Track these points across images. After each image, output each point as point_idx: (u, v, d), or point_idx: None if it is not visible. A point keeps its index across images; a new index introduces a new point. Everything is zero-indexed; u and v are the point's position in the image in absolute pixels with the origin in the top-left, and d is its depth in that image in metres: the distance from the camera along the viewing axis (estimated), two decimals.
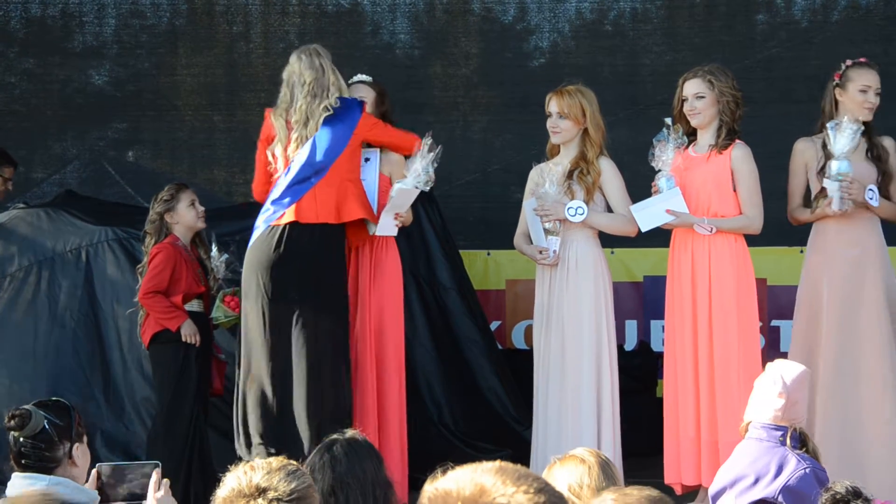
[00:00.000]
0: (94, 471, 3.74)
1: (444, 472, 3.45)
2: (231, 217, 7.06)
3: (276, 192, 5.99)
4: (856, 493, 3.51)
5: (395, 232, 6.25)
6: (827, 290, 5.97)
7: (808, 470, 4.17)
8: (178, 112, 8.64)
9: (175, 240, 6.44)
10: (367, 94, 6.38)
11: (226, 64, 8.59)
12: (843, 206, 5.89)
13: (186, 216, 6.45)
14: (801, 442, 4.28)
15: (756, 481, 4.22)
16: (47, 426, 3.62)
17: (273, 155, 6.07)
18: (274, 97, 8.62)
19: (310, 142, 5.95)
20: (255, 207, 7.37)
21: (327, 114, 5.96)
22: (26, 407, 3.66)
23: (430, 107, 8.41)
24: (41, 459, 3.61)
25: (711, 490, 4.44)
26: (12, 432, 3.65)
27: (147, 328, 6.34)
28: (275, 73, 8.57)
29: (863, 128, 5.90)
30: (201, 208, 6.51)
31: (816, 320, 5.98)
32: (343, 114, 6.00)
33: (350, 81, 6.37)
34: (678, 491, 6.04)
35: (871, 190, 5.93)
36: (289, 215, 5.92)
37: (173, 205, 6.44)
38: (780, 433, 4.25)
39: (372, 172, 6.26)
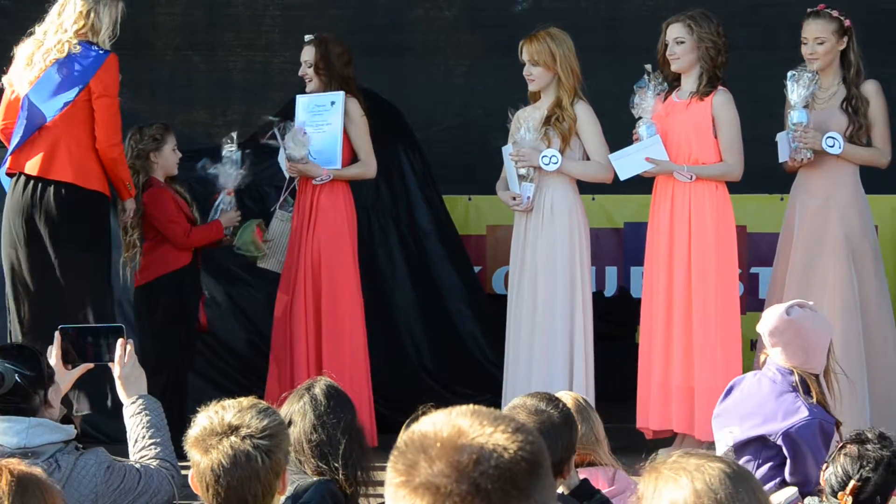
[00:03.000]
0: (56, 333, 3.76)
1: (425, 413, 3.54)
2: (212, 158, 7.05)
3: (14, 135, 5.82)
4: (881, 437, 3.52)
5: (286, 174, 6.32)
6: (794, 238, 6.07)
7: (812, 419, 4.20)
8: (157, 52, 8.61)
9: (160, 182, 6.45)
10: (308, 56, 6.34)
11: (205, 3, 8.55)
12: (798, 156, 6.00)
13: (170, 159, 6.47)
14: (806, 389, 4.27)
15: (762, 423, 4.27)
16: (19, 380, 3.58)
17: (10, 83, 5.84)
18: (255, 37, 8.64)
19: (35, 85, 5.73)
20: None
21: (58, 56, 5.71)
22: None
23: (412, 51, 8.39)
24: (18, 411, 3.59)
25: (717, 410, 4.48)
26: None
27: (152, 268, 6.33)
28: (255, 12, 8.57)
29: (816, 76, 5.97)
30: (179, 154, 6.52)
31: (785, 267, 6.08)
32: (81, 62, 5.73)
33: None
34: (648, 435, 6.13)
35: (831, 137, 6.00)
36: (9, 163, 5.80)
37: (160, 145, 6.43)
38: (794, 378, 4.28)
39: (336, 117, 6.27)
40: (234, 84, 8.55)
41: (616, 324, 7.32)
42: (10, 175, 5.88)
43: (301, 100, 6.40)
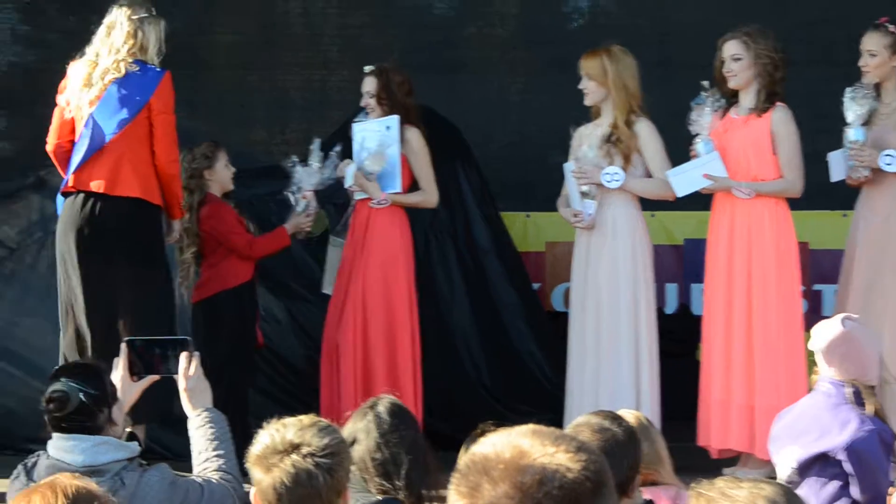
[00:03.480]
0: (123, 345, 3.76)
1: (486, 431, 3.53)
2: (270, 177, 7.11)
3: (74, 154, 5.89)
4: None
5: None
6: (857, 256, 6.03)
7: (871, 430, 4.17)
8: (215, 71, 8.67)
9: (216, 197, 6.49)
10: (369, 87, 6.36)
11: (262, 22, 8.61)
12: (855, 175, 5.99)
13: (223, 175, 6.50)
14: (860, 401, 4.23)
15: (819, 438, 4.24)
16: (84, 398, 3.58)
17: (67, 102, 5.89)
18: (313, 56, 8.69)
19: (98, 104, 5.80)
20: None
21: (117, 75, 5.79)
22: (60, 387, 3.59)
23: (467, 68, 8.40)
24: (83, 430, 3.60)
25: (772, 434, 4.44)
26: (52, 413, 3.62)
27: (211, 284, 6.35)
28: (313, 31, 8.62)
29: (873, 93, 5.97)
30: (233, 168, 6.55)
31: (848, 285, 6.04)
32: (139, 80, 5.81)
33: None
34: (713, 454, 6.10)
35: (888, 155, 5.97)
36: (71, 181, 5.84)
37: (213, 162, 6.47)
38: (846, 390, 4.25)
39: (393, 141, 6.27)
40: (292, 103, 8.59)
41: (677, 341, 7.26)
42: (65, 194, 5.98)
43: (357, 126, 6.42)
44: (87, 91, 5.87)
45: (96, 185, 5.84)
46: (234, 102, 8.63)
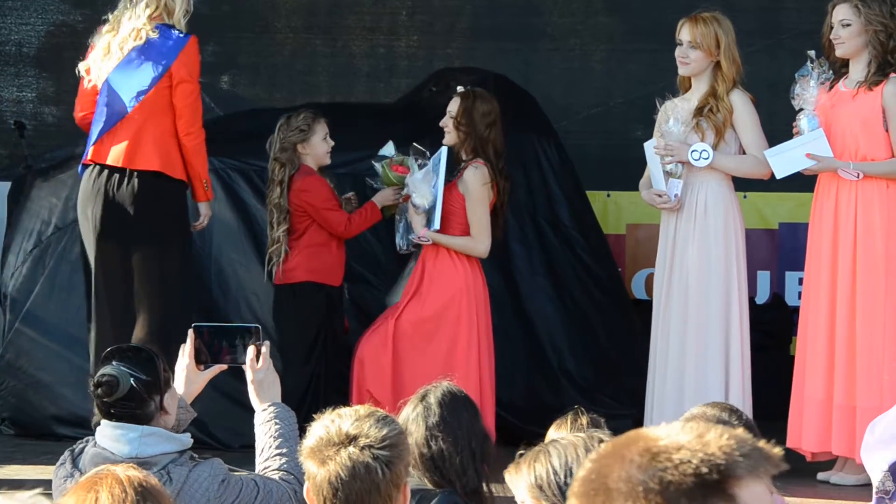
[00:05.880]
0: (190, 332, 3.77)
1: (577, 416, 3.45)
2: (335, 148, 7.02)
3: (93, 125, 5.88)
4: None
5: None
6: None
7: None
8: (277, 34, 8.63)
9: (311, 171, 6.34)
10: (452, 107, 6.19)
11: None
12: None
13: (319, 149, 6.32)
14: None
15: None
16: (135, 384, 3.59)
17: (87, 70, 5.92)
18: (380, 20, 8.62)
19: (116, 74, 5.80)
20: (360, 137, 7.32)
21: (137, 42, 5.77)
22: (111, 371, 3.59)
23: (546, 35, 8.30)
24: (133, 418, 3.59)
25: (864, 444, 4.32)
26: (101, 398, 3.62)
27: (300, 272, 6.27)
28: None
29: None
30: (331, 142, 6.38)
31: None
32: (160, 48, 5.78)
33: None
34: (808, 457, 5.97)
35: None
36: (90, 154, 5.87)
37: (308, 135, 6.30)
38: None
39: (439, 177, 6.13)
40: (357, 69, 8.54)
41: (769, 334, 7.16)
42: (85, 167, 5.93)
43: (444, 151, 6.21)
44: (106, 60, 5.83)
45: (114, 159, 5.81)
46: (296, 69, 8.58)
